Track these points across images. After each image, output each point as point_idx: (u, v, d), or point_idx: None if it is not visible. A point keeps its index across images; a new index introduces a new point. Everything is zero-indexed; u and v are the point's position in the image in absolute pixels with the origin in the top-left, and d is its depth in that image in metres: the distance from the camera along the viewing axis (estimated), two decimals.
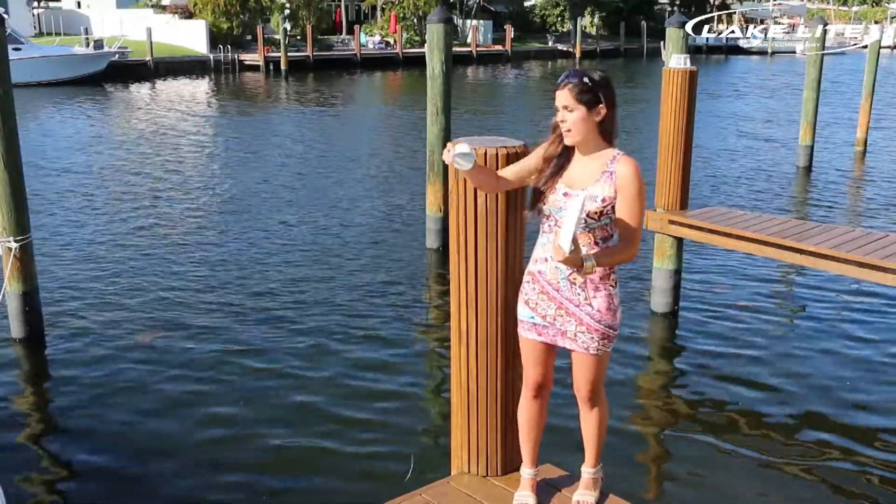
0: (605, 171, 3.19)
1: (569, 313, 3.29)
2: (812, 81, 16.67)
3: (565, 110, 3.18)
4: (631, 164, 3.18)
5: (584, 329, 3.27)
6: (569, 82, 3.15)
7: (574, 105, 3.15)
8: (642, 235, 3.33)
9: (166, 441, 6.28)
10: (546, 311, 3.33)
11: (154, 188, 15.27)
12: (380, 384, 7.26)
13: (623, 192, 3.17)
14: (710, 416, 6.81)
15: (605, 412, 3.57)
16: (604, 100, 3.16)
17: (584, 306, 3.26)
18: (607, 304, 3.27)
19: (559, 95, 3.18)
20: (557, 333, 3.34)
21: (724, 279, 10.08)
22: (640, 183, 3.17)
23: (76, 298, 9.23)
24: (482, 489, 3.67)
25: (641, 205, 3.19)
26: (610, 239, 3.25)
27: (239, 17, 47.15)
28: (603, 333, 3.28)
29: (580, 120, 3.16)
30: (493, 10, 60.88)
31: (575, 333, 3.29)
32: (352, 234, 12.21)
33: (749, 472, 5.95)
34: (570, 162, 3.27)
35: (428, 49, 10.87)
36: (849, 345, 8.16)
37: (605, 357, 3.37)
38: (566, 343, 3.33)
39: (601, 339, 3.29)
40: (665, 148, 8.35)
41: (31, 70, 33.23)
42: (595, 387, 3.44)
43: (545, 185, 3.28)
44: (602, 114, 3.17)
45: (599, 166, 3.21)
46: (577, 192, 3.19)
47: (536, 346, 3.43)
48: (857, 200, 15.26)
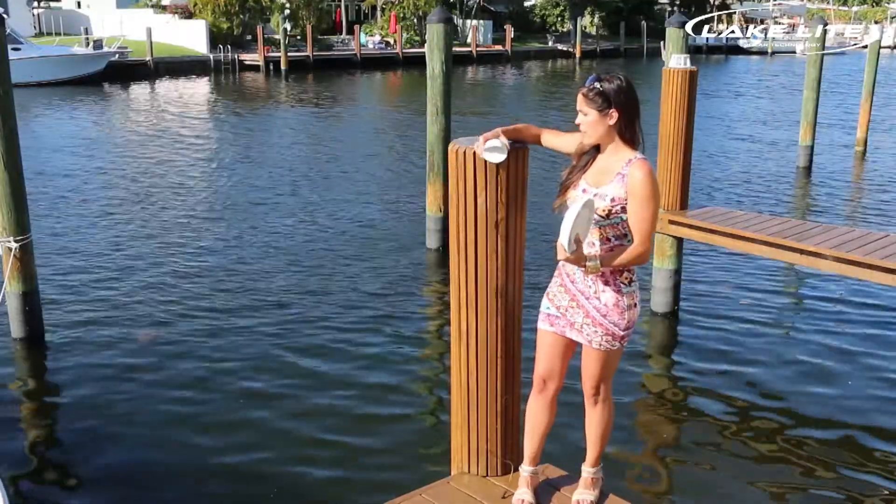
0: (619, 173, 3.26)
1: (578, 304, 3.35)
2: (812, 81, 16.67)
3: (580, 113, 3.31)
4: (644, 168, 3.23)
5: (590, 322, 3.33)
6: (584, 87, 3.28)
7: (586, 109, 3.28)
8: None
9: (166, 440, 6.28)
10: (560, 301, 3.41)
11: (154, 188, 15.26)
12: (380, 384, 7.26)
13: (633, 195, 3.22)
14: (709, 415, 6.81)
15: (610, 413, 3.57)
16: (616, 105, 3.22)
17: (593, 299, 3.32)
18: (615, 301, 3.29)
19: (578, 99, 3.32)
20: (567, 324, 3.40)
21: (724, 279, 10.08)
22: (651, 187, 3.20)
23: (76, 298, 9.22)
24: (482, 489, 3.67)
25: (652, 208, 3.23)
26: (625, 237, 3.31)
27: (239, 17, 47.14)
28: (607, 329, 3.31)
29: (592, 123, 3.28)
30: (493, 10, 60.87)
31: (581, 325, 3.36)
32: (352, 234, 12.20)
33: (748, 472, 5.95)
34: (595, 160, 3.36)
35: (428, 49, 10.88)
36: (849, 345, 8.15)
37: (611, 355, 3.39)
38: (573, 334, 3.39)
39: (605, 335, 3.32)
40: (665, 148, 8.36)
41: (30, 70, 33.20)
42: (597, 383, 3.46)
43: (569, 181, 3.38)
44: (615, 118, 3.23)
45: (616, 168, 3.28)
46: (593, 190, 3.28)
47: (546, 336, 3.48)
48: (856, 200, 15.26)
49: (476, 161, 3.39)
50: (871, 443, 6.34)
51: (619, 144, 3.30)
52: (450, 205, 3.56)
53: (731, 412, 6.83)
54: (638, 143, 3.33)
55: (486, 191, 3.41)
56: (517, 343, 3.64)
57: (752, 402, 7.00)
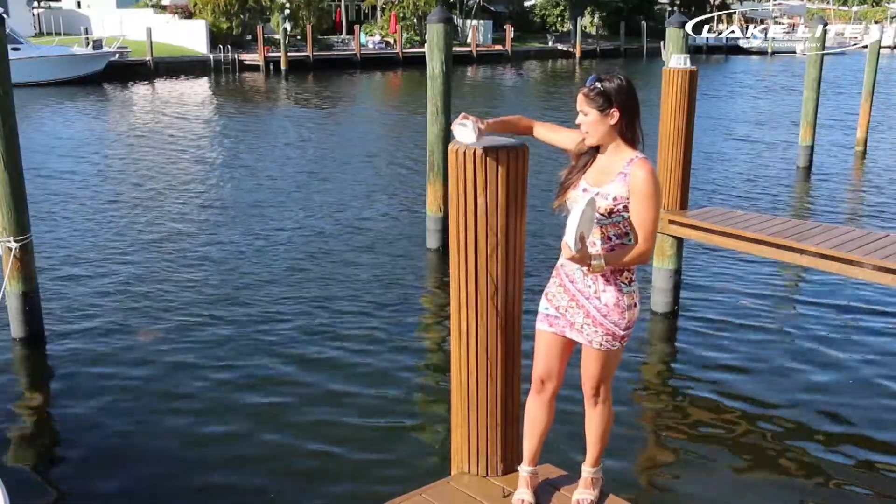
0: (620, 172, 3.26)
1: (578, 305, 3.35)
2: (812, 81, 16.67)
3: (581, 113, 3.30)
4: (645, 168, 3.23)
5: (590, 322, 3.33)
6: (584, 87, 3.28)
7: (587, 109, 3.28)
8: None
9: (166, 440, 6.29)
10: (560, 302, 3.41)
11: (153, 188, 15.26)
12: (379, 384, 7.26)
13: (635, 194, 3.22)
14: (709, 415, 6.81)
15: (610, 413, 3.58)
16: (617, 104, 3.22)
17: (593, 299, 3.32)
18: (616, 301, 3.30)
19: (578, 98, 3.31)
20: (567, 325, 3.39)
21: (724, 279, 10.08)
22: (653, 186, 3.21)
23: (76, 298, 9.22)
24: (482, 489, 3.67)
25: (654, 207, 3.23)
26: (626, 236, 3.31)
27: (239, 16, 47.13)
28: (607, 329, 3.31)
29: (593, 123, 3.28)
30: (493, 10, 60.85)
31: (581, 325, 3.35)
32: (351, 234, 12.20)
33: (748, 471, 5.95)
34: (595, 160, 3.36)
35: (428, 49, 10.88)
36: (849, 345, 8.16)
37: (611, 355, 3.39)
38: (573, 335, 3.39)
39: (605, 335, 3.32)
40: (665, 148, 8.36)
41: (29, 70, 33.17)
42: (597, 383, 3.46)
43: (569, 181, 3.38)
44: (615, 117, 3.23)
45: (617, 167, 3.28)
46: (594, 189, 3.28)
47: (545, 337, 3.48)
48: (856, 200, 15.27)
49: (476, 161, 3.38)
50: (872, 442, 6.34)
51: (620, 144, 3.30)
52: (450, 205, 3.56)
53: (731, 412, 6.83)
54: (638, 143, 3.33)
55: (486, 191, 3.40)
56: (517, 343, 3.64)
57: (751, 402, 7.00)
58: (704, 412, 6.89)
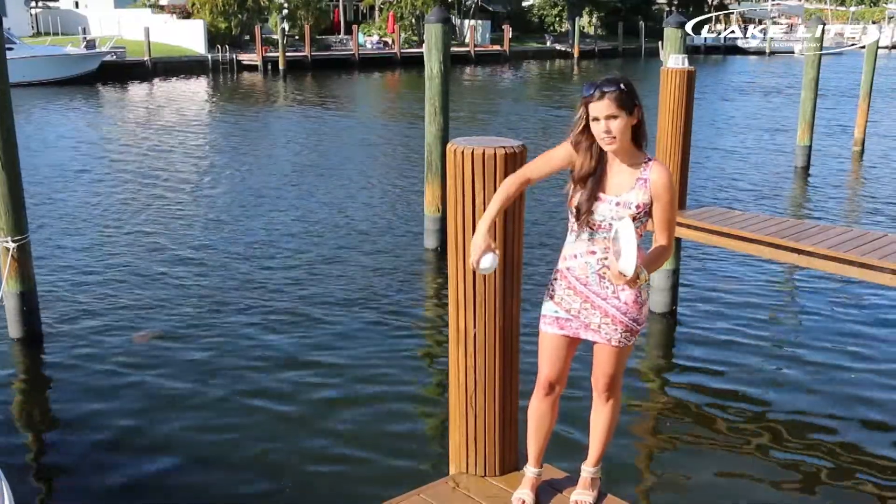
0: (639, 178, 3.22)
1: (594, 306, 3.32)
2: (810, 82, 16.69)
3: (610, 119, 3.12)
4: (664, 172, 3.22)
5: (609, 321, 3.31)
6: (609, 91, 3.11)
7: (617, 112, 3.11)
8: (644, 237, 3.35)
9: (165, 440, 6.28)
10: (571, 304, 3.36)
11: (151, 188, 15.25)
12: (378, 384, 7.26)
13: (659, 199, 3.21)
14: (708, 415, 6.81)
15: (618, 411, 3.58)
16: (638, 103, 3.18)
17: (612, 299, 3.30)
18: (634, 297, 3.30)
19: (600, 106, 3.12)
20: (581, 326, 3.36)
21: (722, 279, 10.09)
22: (673, 190, 3.23)
23: (74, 298, 9.22)
24: (481, 489, 3.67)
25: (675, 209, 3.27)
26: (640, 238, 3.28)
27: (237, 16, 47.09)
28: (627, 326, 3.31)
29: (624, 127, 3.14)
30: (491, 10, 60.87)
31: (599, 325, 3.33)
32: (349, 234, 12.20)
33: (747, 471, 5.95)
34: (606, 169, 3.26)
35: (426, 49, 10.88)
36: (846, 344, 8.16)
37: (626, 351, 3.40)
38: (589, 335, 3.36)
39: (624, 332, 3.32)
40: (663, 148, 8.36)
41: (22, 70, 33.03)
42: (612, 380, 3.46)
43: (589, 199, 3.24)
44: (639, 117, 3.19)
45: (634, 173, 3.23)
46: (612, 198, 3.21)
47: (554, 340, 3.43)
48: (854, 200, 15.28)
49: (474, 160, 3.38)
50: (873, 442, 6.34)
51: (632, 147, 3.22)
52: (448, 205, 3.55)
53: (730, 412, 6.83)
54: (647, 143, 3.30)
55: (484, 191, 3.40)
56: (515, 343, 3.64)
57: (750, 401, 7.00)
58: (702, 412, 6.89)
